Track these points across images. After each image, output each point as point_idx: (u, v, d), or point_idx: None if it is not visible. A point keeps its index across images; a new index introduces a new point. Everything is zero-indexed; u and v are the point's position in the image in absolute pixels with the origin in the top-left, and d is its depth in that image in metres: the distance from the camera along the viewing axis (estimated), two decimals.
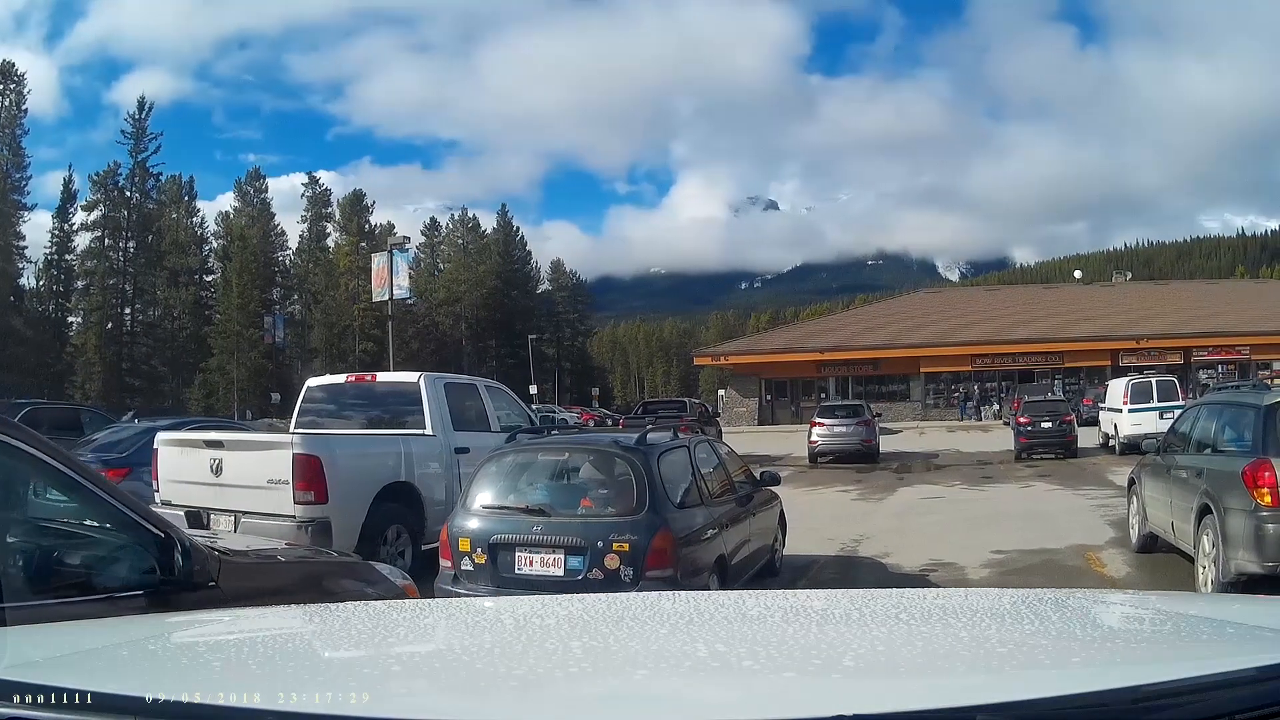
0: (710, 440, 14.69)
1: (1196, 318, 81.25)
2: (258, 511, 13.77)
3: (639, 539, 10.34)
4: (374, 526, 14.63)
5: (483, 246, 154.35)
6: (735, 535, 12.65)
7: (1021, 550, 17.57)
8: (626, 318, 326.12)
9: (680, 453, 12.35)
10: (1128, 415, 38.32)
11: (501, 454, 12.17)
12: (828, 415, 42.70)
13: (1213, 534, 12.56)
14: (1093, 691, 2.33)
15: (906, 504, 26.80)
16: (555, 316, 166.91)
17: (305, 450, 13.96)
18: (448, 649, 3.57)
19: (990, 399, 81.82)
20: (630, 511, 10.68)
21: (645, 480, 10.83)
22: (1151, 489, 16.03)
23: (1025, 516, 22.51)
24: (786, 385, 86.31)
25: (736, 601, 4.32)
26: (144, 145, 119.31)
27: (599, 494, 11.35)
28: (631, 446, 11.43)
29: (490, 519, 11.11)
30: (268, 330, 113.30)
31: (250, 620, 4.35)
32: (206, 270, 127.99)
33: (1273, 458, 11.74)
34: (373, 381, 18.67)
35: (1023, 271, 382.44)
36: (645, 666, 3.04)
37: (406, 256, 65.83)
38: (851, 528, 21.49)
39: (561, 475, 11.90)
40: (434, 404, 16.73)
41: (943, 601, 4.27)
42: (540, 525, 10.79)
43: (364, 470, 14.99)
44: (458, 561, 10.99)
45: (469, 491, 11.67)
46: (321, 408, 18.01)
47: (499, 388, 19.93)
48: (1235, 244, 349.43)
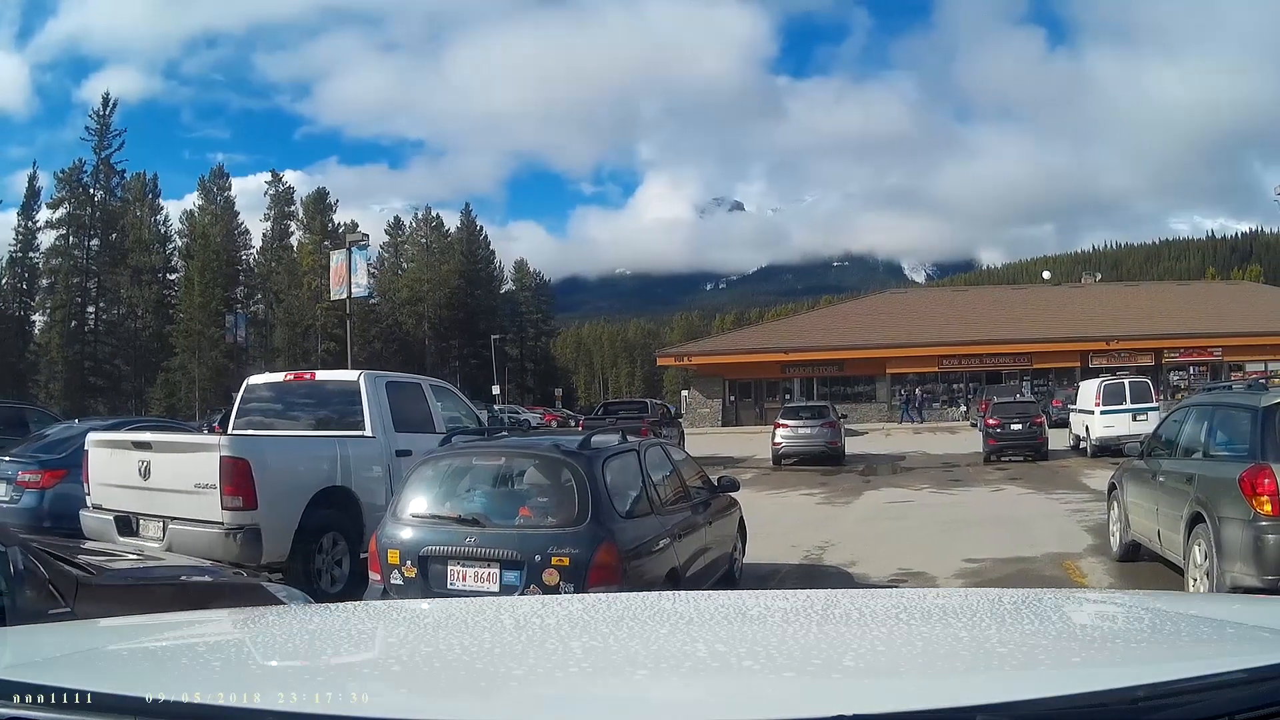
0: (663, 444, 13.73)
1: (1168, 319, 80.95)
2: (186, 518, 13.19)
3: (580, 552, 9.55)
4: (308, 534, 13.97)
5: (446, 246, 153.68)
6: (690, 545, 11.80)
7: (995, 559, 16.86)
8: (592, 318, 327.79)
9: (628, 458, 11.49)
10: (1100, 417, 38.03)
11: (435, 458, 11.36)
12: (792, 416, 41.98)
13: (1205, 544, 11.81)
14: (1092, 691, 2.34)
15: (873, 508, 26.02)
16: (519, 316, 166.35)
17: (233, 453, 13.28)
18: (448, 649, 3.45)
19: (956, 400, 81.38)
20: (571, 522, 9.88)
21: (588, 488, 10.01)
22: (1135, 495, 15.30)
23: (997, 522, 21.82)
24: (751, 386, 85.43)
25: (736, 601, 4.45)
26: (108, 142, 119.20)
27: (538, 503, 10.62)
28: (573, 451, 10.59)
29: (421, 529, 10.30)
30: (229, 329, 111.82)
31: (250, 620, 4.42)
32: (170, 269, 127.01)
33: (1272, 463, 10.98)
34: (312, 380, 17.76)
35: (990, 273, 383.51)
36: (645, 666, 3.05)
37: (365, 254, 64.76)
38: (816, 534, 20.77)
39: (499, 482, 11.11)
40: (374, 404, 16.03)
41: (943, 601, 4.29)
42: (474, 536, 9.96)
43: (296, 474, 14.33)
44: (386, 574, 10.18)
45: (399, 498, 10.85)
46: (261, 407, 17.30)
47: (445, 387, 19.26)
48: (1205, 246, 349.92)
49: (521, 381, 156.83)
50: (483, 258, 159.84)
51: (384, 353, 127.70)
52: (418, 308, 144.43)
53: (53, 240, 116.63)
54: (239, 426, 16.77)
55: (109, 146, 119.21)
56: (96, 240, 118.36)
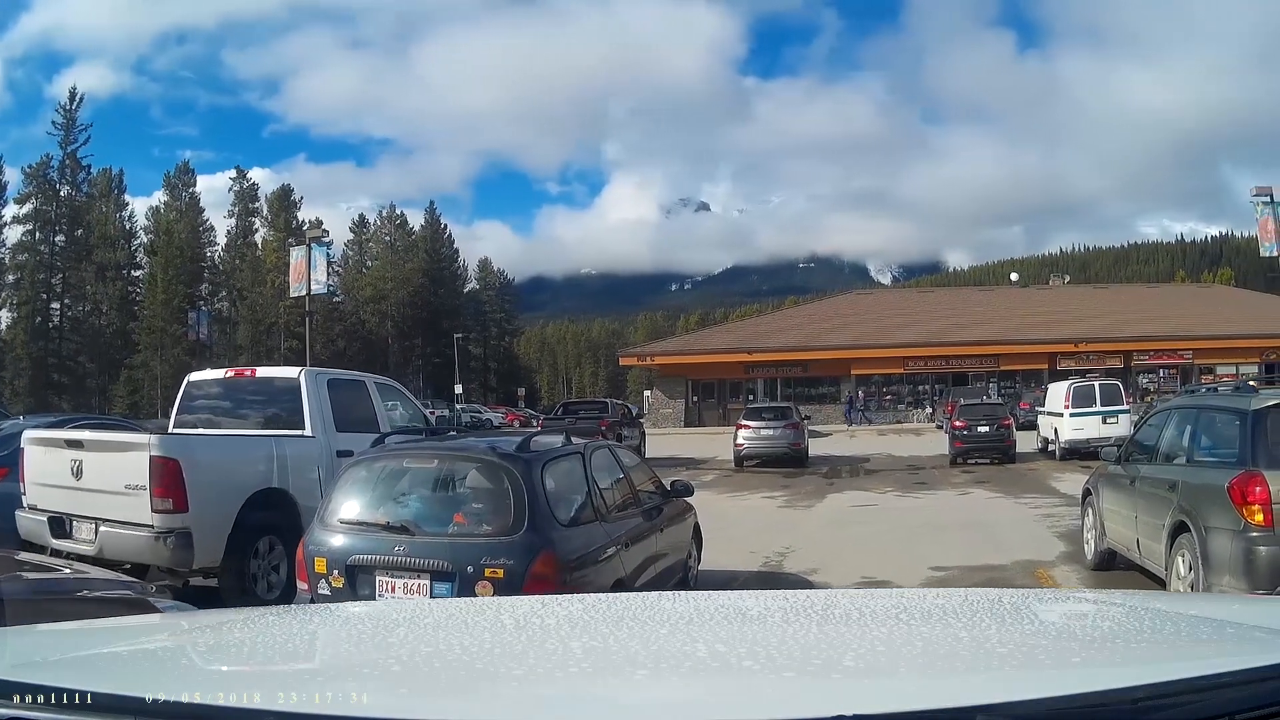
0: (611, 446, 12.97)
1: (1137, 321, 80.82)
2: (117, 520, 12.71)
3: (516, 563, 8.91)
4: (242, 538, 13.44)
5: (410, 244, 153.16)
6: (639, 554, 11.16)
7: (964, 567, 16.33)
8: (557, 318, 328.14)
9: (571, 461, 10.82)
10: (1069, 419, 37.76)
11: (366, 460, 10.67)
12: (754, 417, 41.28)
13: (1190, 555, 11.19)
14: (1092, 692, 2.35)
15: (836, 512, 25.40)
16: (482, 316, 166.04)
17: (162, 452, 12.70)
18: (448, 649, 3.38)
19: (922, 402, 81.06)
20: (506, 531, 9.24)
21: (525, 494, 9.33)
22: (1112, 501, 14.68)
23: (965, 527, 21.36)
24: (714, 386, 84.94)
25: (736, 601, 4.49)
26: (74, 137, 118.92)
27: (473, 509, 9.98)
28: (510, 454, 9.86)
29: (349, 536, 9.63)
30: (192, 327, 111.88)
31: (250, 620, 4.25)
32: (135, 265, 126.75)
33: (1264, 470, 10.37)
34: (253, 377, 17.26)
35: (957, 275, 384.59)
36: (645, 666, 3.05)
37: (325, 250, 64.12)
38: (777, 539, 20.19)
39: (431, 486, 10.43)
40: (315, 402, 15.58)
41: (942, 601, 4.23)
42: (403, 545, 9.30)
43: (230, 475, 13.75)
44: (314, 584, 9.55)
45: (327, 503, 10.19)
46: (202, 405, 16.82)
47: (391, 385, 18.75)
48: (1174, 249, 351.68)
49: (485, 381, 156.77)
50: (446, 256, 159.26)
51: (347, 351, 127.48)
52: (381, 306, 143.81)
53: (19, 236, 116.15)
54: (180, 425, 16.32)
55: (75, 141, 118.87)
56: (62, 236, 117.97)
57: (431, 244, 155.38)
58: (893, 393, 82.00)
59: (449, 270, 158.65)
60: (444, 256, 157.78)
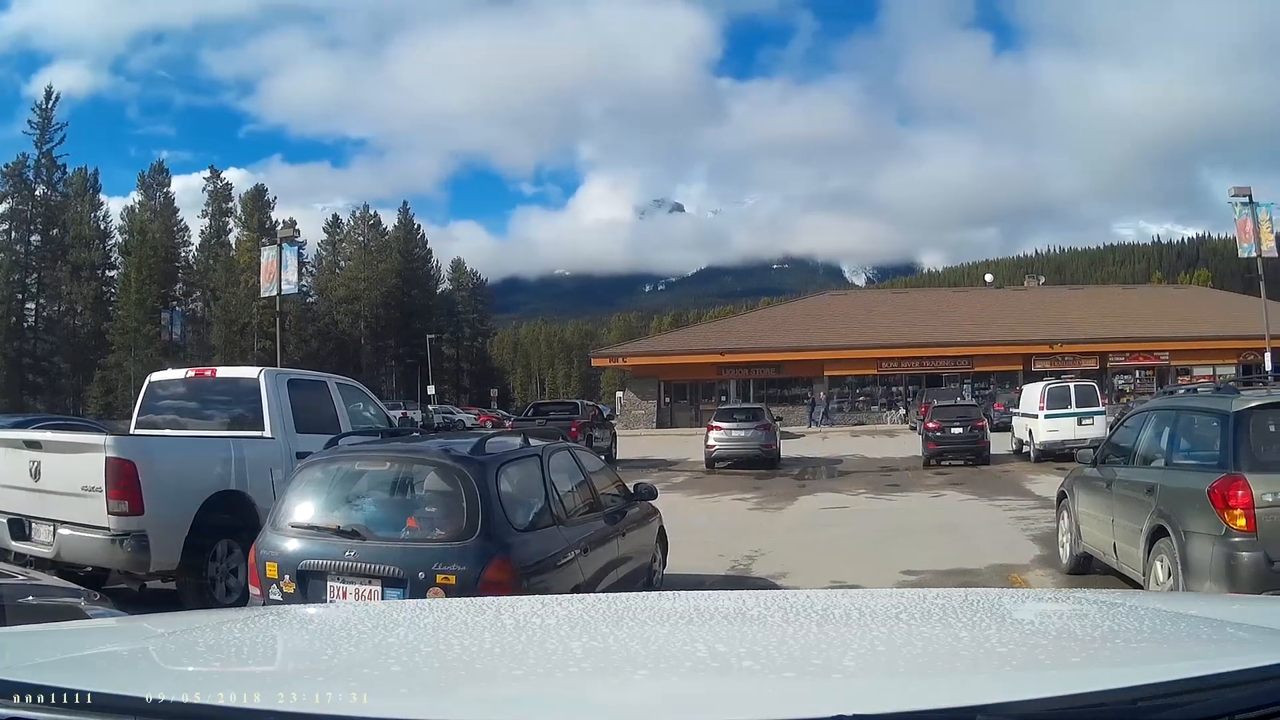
0: (571, 448, 12.58)
1: (1113, 322, 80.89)
2: (75, 522, 12.52)
3: (468, 570, 8.63)
4: (200, 541, 13.15)
5: (384, 245, 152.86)
6: (600, 558, 10.86)
7: (936, 571, 15.99)
8: (530, 319, 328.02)
9: (529, 464, 10.50)
10: (1044, 421, 37.57)
11: (318, 462, 10.37)
12: (726, 419, 40.90)
13: (1169, 560, 10.92)
14: (1092, 691, 2.36)
15: (807, 515, 25.16)
16: (455, 316, 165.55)
17: (118, 454, 12.49)
18: (448, 649, 3.40)
19: (896, 403, 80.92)
20: (459, 536, 8.96)
21: (478, 498, 9.04)
22: (1088, 505, 14.41)
23: (938, 530, 21.11)
24: (686, 388, 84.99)
25: (736, 601, 4.48)
26: (49, 136, 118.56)
27: (426, 513, 9.67)
28: (464, 457, 9.53)
29: (301, 540, 9.36)
30: (165, 327, 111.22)
31: (250, 620, 4.31)
32: (109, 265, 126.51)
33: (1246, 473, 10.10)
34: (213, 377, 16.92)
35: (932, 276, 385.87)
36: (645, 667, 3.04)
37: (296, 250, 63.64)
38: (746, 542, 19.88)
39: (384, 489, 10.12)
40: (274, 403, 15.41)
41: (943, 601, 4.19)
42: (354, 550, 9.03)
43: (186, 477, 13.45)
44: (265, 589, 9.27)
45: (279, 505, 9.91)
46: (164, 405, 16.57)
47: (353, 385, 18.47)
48: (1150, 251, 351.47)
49: (457, 382, 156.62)
50: (420, 257, 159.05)
51: (321, 352, 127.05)
52: (354, 306, 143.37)
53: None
54: (142, 425, 16.12)
55: (51, 140, 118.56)
56: (38, 236, 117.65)
57: (405, 244, 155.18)
58: (866, 394, 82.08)
59: (422, 271, 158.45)
60: (417, 257, 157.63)
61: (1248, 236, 48.13)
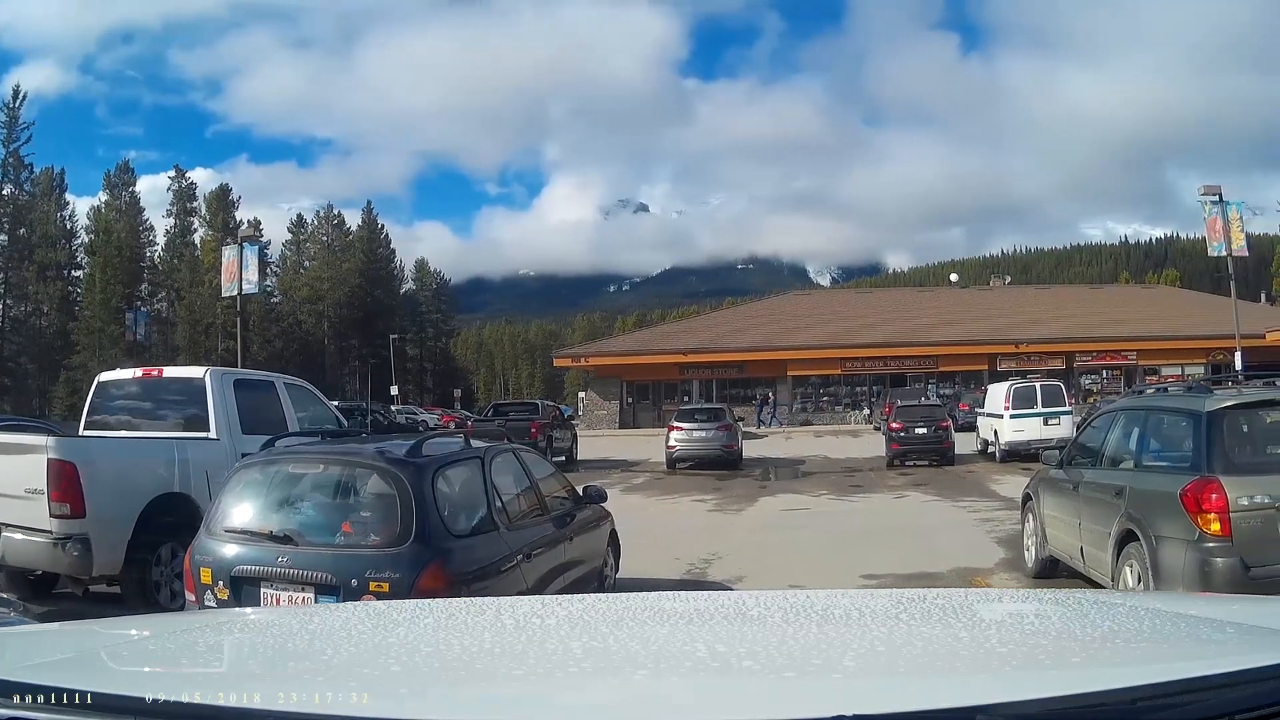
0: (516, 450, 12.25)
1: (1080, 322, 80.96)
2: (18, 525, 12.39)
3: (402, 576, 8.40)
4: (142, 545, 12.99)
5: (347, 244, 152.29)
6: (545, 564, 10.63)
7: (897, 574, 15.68)
8: (495, 319, 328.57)
9: (469, 466, 10.19)
10: (1010, 421, 37.50)
11: (252, 464, 10.01)
12: (686, 419, 40.64)
13: (1139, 566, 10.64)
14: (1092, 692, 2.37)
15: (767, 517, 24.87)
16: (419, 316, 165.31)
17: (59, 455, 12.36)
18: (448, 649, 3.43)
19: (859, 403, 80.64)
20: (393, 542, 8.71)
21: (413, 502, 8.79)
22: (1054, 507, 14.12)
23: (900, 532, 20.86)
24: (649, 388, 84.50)
25: (736, 601, 4.66)
26: (16, 135, 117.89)
27: (361, 518, 9.40)
28: (399, 459, 9.24)
29: (234, 545, 9.10)
30: (129, 327, 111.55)
31: (250, 620, 4.58)
32: (75, 265, 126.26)
33: (1220, 475, 9.80)
34: (160, 377, 16.72)
35: (897, 277, 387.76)
36: (645, 667, 3.05)
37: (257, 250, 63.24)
38: (704, 544, 19.54)
39: (319, 493, 9.81)
40: (220, 403, 15.25)
41: (943, 601, 4.22)
42: (287, 556, 8.76)
43: (128, 479, 13.29)
44: (200, 595, 9.03)
45: (213, 509, 9.62)
46: (112, 405, 16.42)
47: (301, 385, 18.26)
48: (1118, 251, 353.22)
49: (421, 382, 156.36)
50: (383, 257, 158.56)
51: (285, 352, 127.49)
52: (318, 306, 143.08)
53: None
54: (91, 426, 16.03)
55: (18, 140, 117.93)
56: (4, 235, 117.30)
57: (368, 244, 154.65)
58: (830, 394, 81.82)
59: (385, 271, 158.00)
60: (380, 257, 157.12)
61: (1217, 235, 47.97)
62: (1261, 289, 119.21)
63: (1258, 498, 9.61)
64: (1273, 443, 10.77)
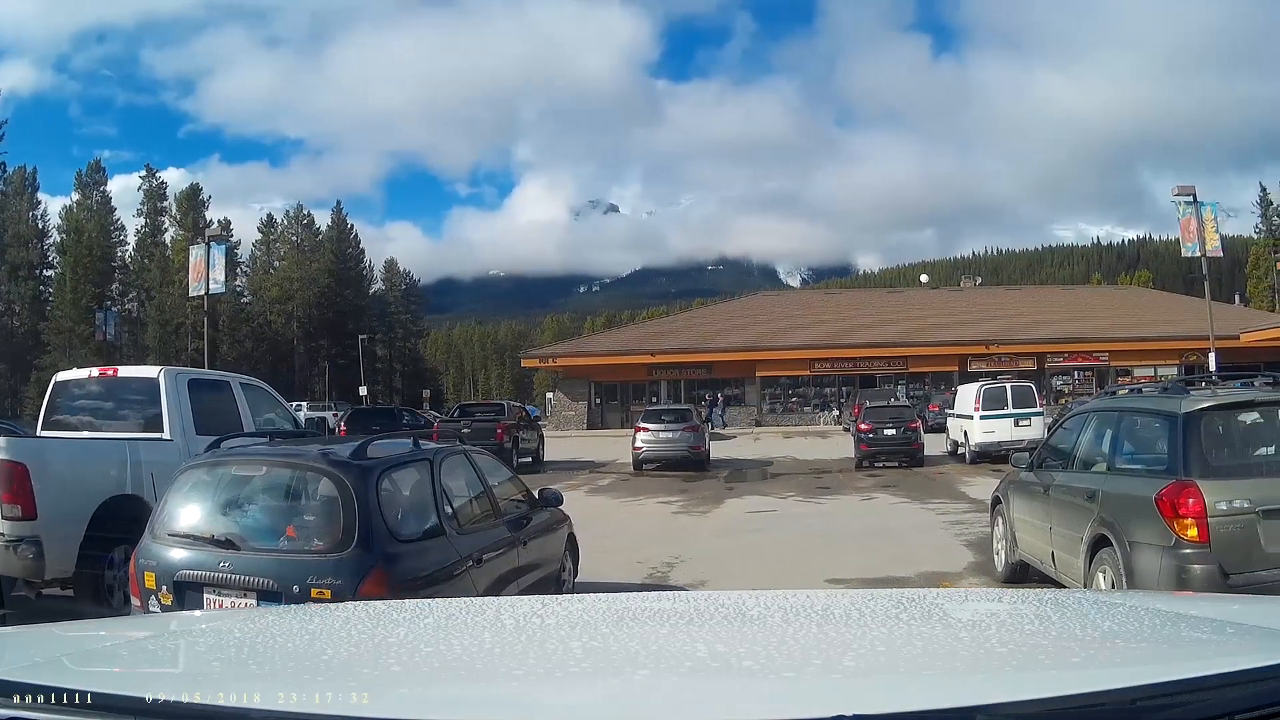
0: (468, 451, 11.94)
1: (1051, 323, 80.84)
2: None
3: (343, 583, 8.17)
4: (95, 547, 12.73)
5: (316, 244, 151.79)
6: (496, 570, 10.34)
7: (864, 579, 15.45)
8: (465, 319, 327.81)
9: (417, 469, 9.93)
10: (980, 422, 37.35)
11: (197, 466, 9.74)
12: (653, 420, 40.40)
13: (1112, 572, 10.33)
14: (1092, 692, 2.37)
15: (733, 519, 24.58)
16: (388, 317, 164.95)
17: (10, 456, 12.14)
18: (448, 649, 3.40)
19: (828, 404, 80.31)
20: (335, 547, 8.47)
21: (355, 506, 8.53)
22: (1024, 511, 13.84)
23: (868, 535, 20.66)
24: (617, 388, 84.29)
25: (736, 601, 4.41)
26: None
27: (304, 522, 9.12)
28: (342, 462, 8.95)
29: (178, 549, 8.85)
30: (99, 327, 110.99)
31: (250, 620, 4.44)
32: (47, 265, 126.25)
33: (1197, 479, 9.49)
34: (115, 376, 16.54)
35: (867, 278, 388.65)
36: (646, 667, 3.05)
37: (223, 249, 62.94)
38: (667, 548, 19.25)
39: (264, 496, 9.47)
40: (174, 403, 15.02)
41: (943, 602, 4.40)
42: (229, 561, 8.53)
43: (80, 480, 13.06)
44: (145, 600, 8.82)
45: (157, 512, 9.38)
46: (69, 405, 16.23)
47: (257, 385, 18.09)
48: (1090, 252, 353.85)
49: (390, 383, 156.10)
50: (352, 257, 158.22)
51: (255, 352, 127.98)
52: (287, 307, 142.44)
53: None
54: (50, 427, 15.82)
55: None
56: None
57: (338, 244, 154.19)
58: (799, 395, 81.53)
59: (355, 271, 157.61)
60: (350, 257, 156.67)
61: (1191, 236, 47.88)
62: (1235, 290, 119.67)
63: (1237, 502, 9.31)
64: (1252, 445, 10.49)
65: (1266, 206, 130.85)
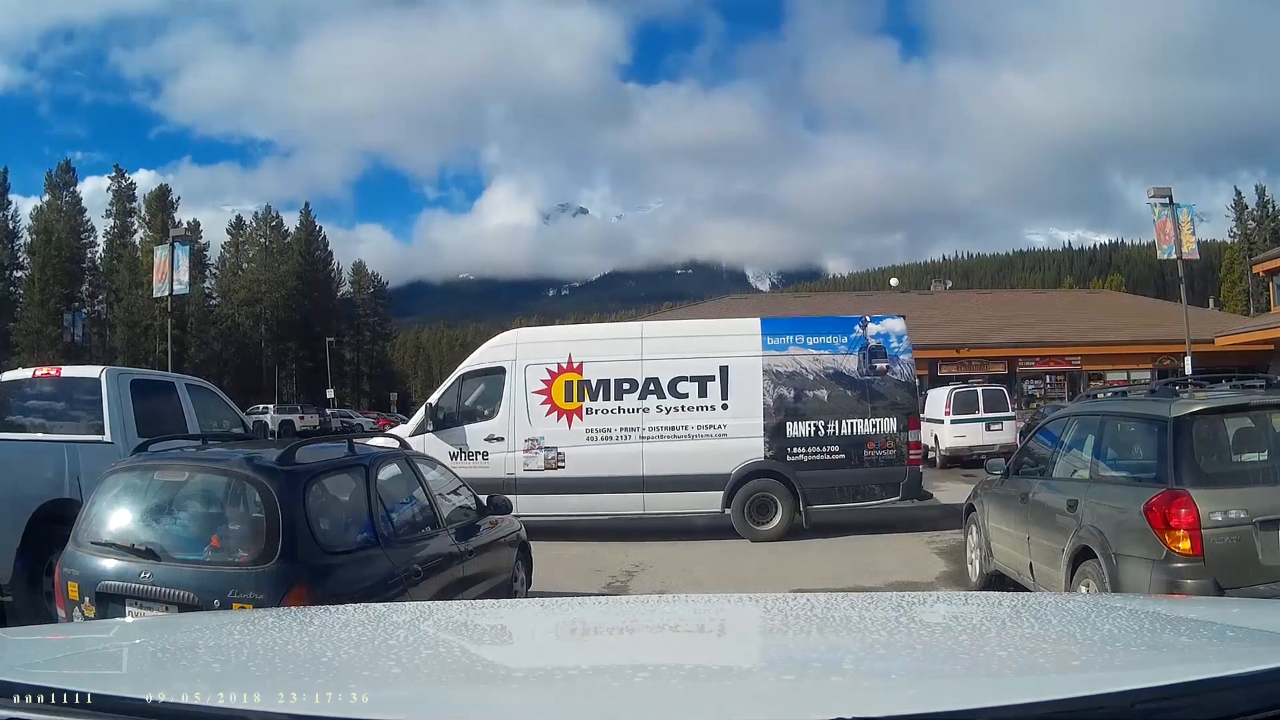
0: (409, 456, 11.33)
1: (1022, 327, 79.90)
2: None
3: (265, 598, 7.77)
4: (32, 554, 12.52)
5: (285, 246, 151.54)
6: (440, 581, 9.91)
7: (832, 589, 14.57)
8: (434, 322, 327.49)
9: (349, 475, 9.45)
10: (950, 426, 37.35)
11: (121, 471, 9.32)
12: None
13: (1096, 586, 9.77)
14: (1091, 695, 2.39)
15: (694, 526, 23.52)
16: (356, 320, 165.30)
17: None
18: (448, 651, 3.55)
19: None
20: (259, 559, 8.12)
21: (279, 515, 8.14)
22: (999, 520, 13.33)
23: (836, 542, 20.14)
24: None
25: (736, 605, 4.84)
26: None
27: (229, 531, 8.78)
28: (267, 467, 8.49)
29: (100, 559, 8.56)
30: (67, 328, 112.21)
31: (250, 621, 4.47)
32: (17, 265, 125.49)
33: (1189, 488, 8.98)
34: (58, 377, 16.50)
35: (837, 281, 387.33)
36: (647, 669, 3.11)
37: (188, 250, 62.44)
38: (627, 555, 19.21)
39: (188, 504, 9.06)
40: (115, 405, 14.86)
41: (942, 605, 4.65)
42: (150, 572, 8.20)
43: (14, 484, 12.86)
44: (69, 611, 8.49)
45: (81, 519, 9.09)
46: (22, 406, 16.12)
47: (203, 387, 17.80)
48: (1061, 257, 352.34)
49: (358, 386, 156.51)
50: (321, 259, 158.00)
51: (223, 354, 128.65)
52: (255, 309, 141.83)
53: None
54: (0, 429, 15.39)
55: None
56: None
57: (306, 246, 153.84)
58: None
59: (323, 273, 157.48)
60: (318, 259, 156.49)
61: (1167, 238, 47.40)
62: (1209, 294, 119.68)
63: (1232, 513, 8.82)
64: (1247, 451, 9.91)
65: (1241, 210, 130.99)
